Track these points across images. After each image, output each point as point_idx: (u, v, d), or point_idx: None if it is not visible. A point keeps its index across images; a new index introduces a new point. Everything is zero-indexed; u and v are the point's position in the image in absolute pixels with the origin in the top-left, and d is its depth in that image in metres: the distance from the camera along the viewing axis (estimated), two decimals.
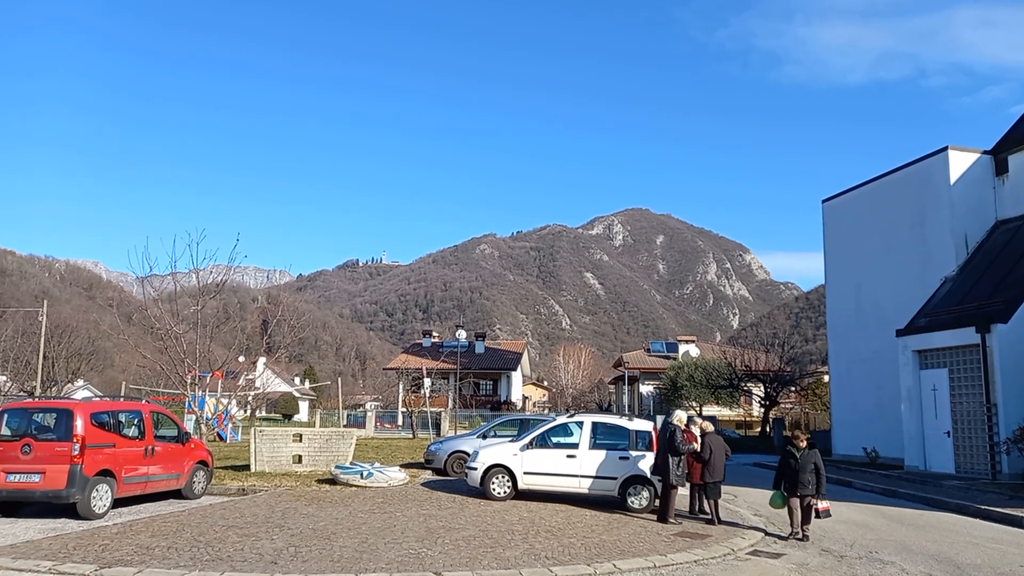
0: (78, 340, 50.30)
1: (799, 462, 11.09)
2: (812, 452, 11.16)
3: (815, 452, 11.18)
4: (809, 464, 11.03)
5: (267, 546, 9.54)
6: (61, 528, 10.81)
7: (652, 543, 10.57)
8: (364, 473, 16.07)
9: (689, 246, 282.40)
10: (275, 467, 17.89)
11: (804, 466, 11.02)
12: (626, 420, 14.68)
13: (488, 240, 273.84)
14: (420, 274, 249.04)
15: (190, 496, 14.17)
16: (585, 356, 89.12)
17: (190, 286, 28.67)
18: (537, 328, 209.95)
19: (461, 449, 18.83)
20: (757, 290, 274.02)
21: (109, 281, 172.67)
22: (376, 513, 12.46)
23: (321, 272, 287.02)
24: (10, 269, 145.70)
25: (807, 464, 11.04)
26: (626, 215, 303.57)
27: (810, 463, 11.04)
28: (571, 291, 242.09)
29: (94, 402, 13.79)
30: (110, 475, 12.03)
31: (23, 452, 11.50)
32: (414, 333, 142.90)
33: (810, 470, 11.00)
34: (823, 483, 11.10)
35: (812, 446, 11.33)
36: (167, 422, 14.24)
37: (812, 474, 11.00)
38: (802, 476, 11.00)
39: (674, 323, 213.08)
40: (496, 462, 14.40)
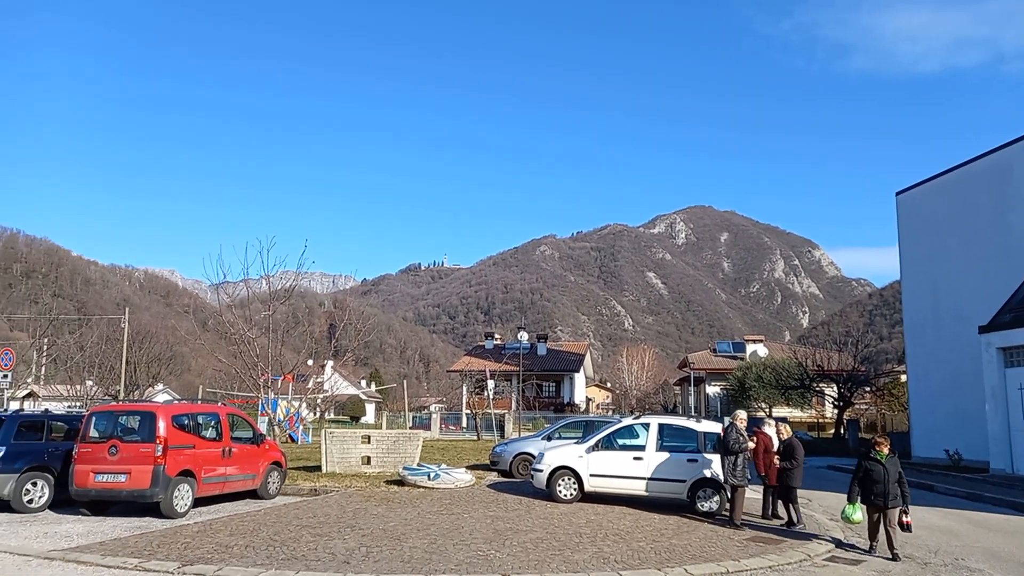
0: (157, 346, 52.43)
1: (887, 470, 10.13)
2: (895, 459, 10.33)
3: (897, 459, 10.40)
4: (895, 472, 10.13)
5: (339, 546, 9.75)
6: (146, 526, 11.28)
7: (724, 548, 10.36)
8: (431, 474, 16.25)
9: (755, 243, 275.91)
10: (345, 468, 18.25)
11: (891, 475, 10.08)
12: (694, 422, 14.43)
13: (548, 241, 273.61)
14: (481, 276, 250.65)
15: (265, 496, 14.60)
16: (649, 357, 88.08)
17: (261, 292, 29.63)
18: (599, 329, 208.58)
19: (526, 451, 18.84)
20: (828, 287, 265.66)
21: (185, 288, 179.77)
22: (444, 514, 12.58)
23: (385, 276, 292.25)
24: (94, 279, 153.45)
25: (893, 473, 10.11)
26: (688, 213, 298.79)
27: (895, 471, 10.15)
28: (633, 291, 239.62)
29: (174, 405, 14.35)
30: (191, 475, 12.49)
31: (110, 453, 12.05)
32: (476, 335, 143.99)
33: (895, 479, 10.08)
34: (907, 493, 10.24)
35: (893, 452, 10.49)
36: (243, 424, 14.71)
37: (896, 484, 10.07)
38: (890, 486, 10.03)
39: (740, 322, 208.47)
40: (562, 464, 14.35)
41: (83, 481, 12.04)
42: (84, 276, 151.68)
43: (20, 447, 12.68)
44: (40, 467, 12.78)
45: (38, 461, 12.79)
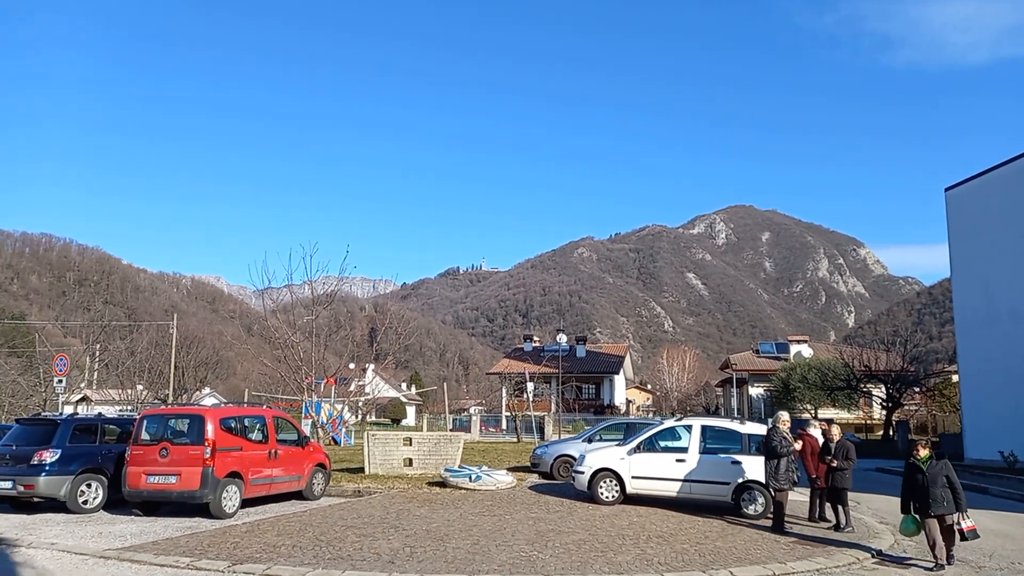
0: (204, 350, 53.61)
1: (927, 476, 9.51)
2: (942, 463, 9.56)
3: (945, 463, 9.59)
4: (940, 477, 9.43)
5: (384, 546, 9.85)
6: (196, 526, 11.55)
7: (770, 550, 10.20)
8: (473, 476, 16.32)
9: (797, 242, 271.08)
10: (387, 470, 18.44)
11: (934, 480, 9.43)
12: (738, 423, 14.25)
13: (586, 243, 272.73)
14: (519, 279, 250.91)
15: (310, 497, 14.82)
16: (690, 358, 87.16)
17: (304, 297, 30.14)
18: (639, 331, 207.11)
19: (567, 453, 18.80)
20: (874, 286, 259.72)
21: (230, 295, 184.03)
22: (486, 516, 12.63)
23: (424, 280, 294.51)
24: (143, 286, 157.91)
25: (937, 477, 9.44)
26: (729, 212, 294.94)
27: (941, 475, 9.45)
28: (673, 292, 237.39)
29: (222, 408, 14.66)
30: (238, 477, 12.75)
31: (161, 455, 12.38)
32: (515, 338, 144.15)
33: (942, 484, 9.40)
34: (962, 498, 9.45)
35: (940, 456, 9.73)
36: (287, 427, 14.97)
37: (945, 488, 9.39)
38: (933, 491, 9.39)
39: (784, 323, 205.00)
40: (603, 466, 14.29)
41: (135, 482, 12.38)
42: (134, 283, 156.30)
43: (75, 450, 13.09)
44: (94, 469, 13.18)
45: (92, 463, 13.19)
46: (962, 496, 9.45)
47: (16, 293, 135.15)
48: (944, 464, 9.56)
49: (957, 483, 9.48)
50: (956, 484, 9.45)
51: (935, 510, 9.36)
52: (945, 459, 9.66)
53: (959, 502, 9.39)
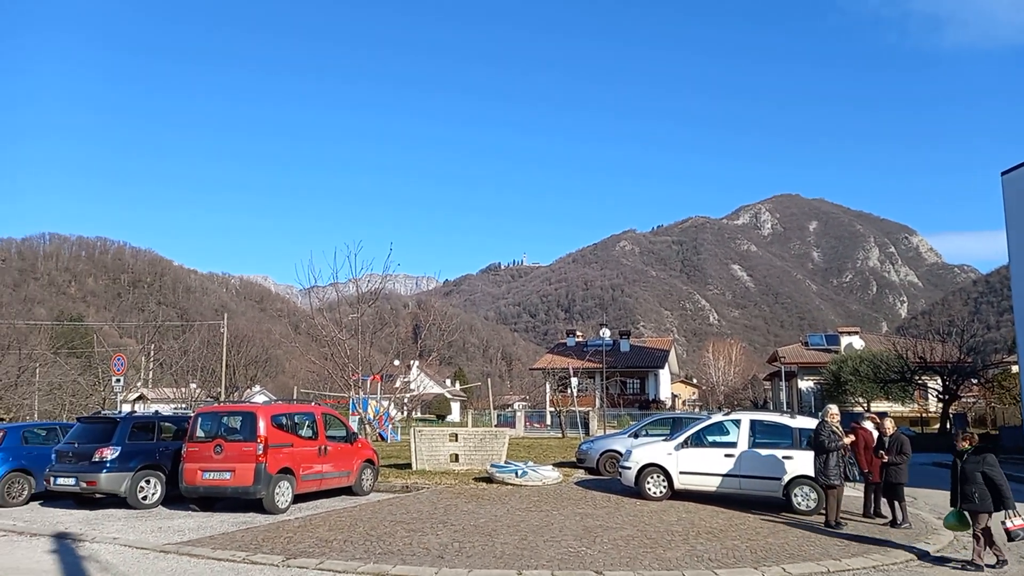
0: (253, 349, 54.85)
1: (962, 469, 9.05)
2: (981, 458, 8.99)
3: (985, 458, 8.98)
4: (976, 473, 8.89)
5: (433, 541, 9.95)
6: (250, 521, 11.82)
7: (824, 547, 10.00)
8: (519, 472, 16.36)
9: (846, 231, 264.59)
10: (434, 465, 18.60)
11: (968, 475, 8.94)
12: (788, 417, 13.99)
13: (628, 236, 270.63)
14: (561, 274, 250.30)
15: (359, 493, 15.04)
16: (736, 352, 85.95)
17: (349, 295, 30.56)
18: (683, 324, 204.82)
19: (613, 448, 18.71)
20: (927, 275, 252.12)
21: (277, 294, 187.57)
22: (533, 511, 12.65)
23: (466, 276, 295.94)
24: (194, 287, 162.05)
25: (972, 473, 8.92)
26: (774, 202, 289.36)
27: (977, 471, 8.90)
28: (718, 284, 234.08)
29: (273, 405, 14.98)
30: (290, 473, 13.01)
31: (215, 452, 12.69)
32: (557, 333, 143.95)
33: (977, 480, 8.86)
34: (1005, 495, 8.78)
35: (983, 449, 9.16)
36: (336, 423, 15.20)
37: (980, 485, 8.84)
38: (964, 487, 8.96)
39: (833, 314, 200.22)
40: (651, 461, 14.18)
41: (192, 479, 12.72)
42: (185, 284, 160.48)
43: (134, 447, 13.52)
44: (152, 466, 13.59)
45: (150, 460, 13.60)
46: (1006, 493, 8.81)
47: (74, 296, 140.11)
48: (984, 459, 8.99)
49: (999, 479, 8.85)
50: (997, 480, 8.84)
51: (965, 506, 8.98)
52: (988, 454, 9.08)
53: (1003, 500, 8.80)
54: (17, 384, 36.74)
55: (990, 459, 8.99)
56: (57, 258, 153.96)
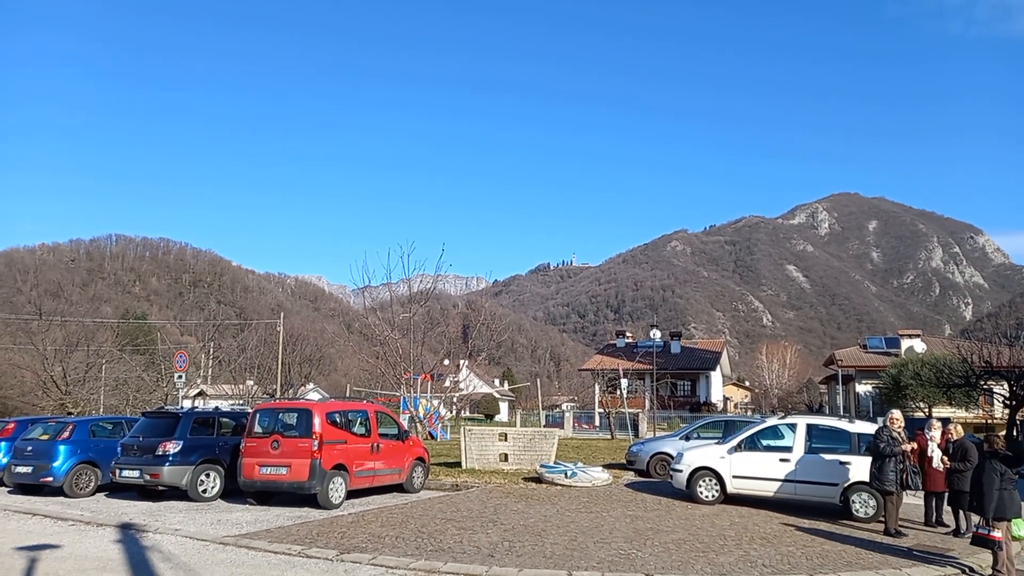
0: (308, 347, 55.98)
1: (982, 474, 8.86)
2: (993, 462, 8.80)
3: (987, 464, 8.84)
4: (991, 478, 8.67)
5: (483, 539, 10.01)
6: (305, 516, 12.08)
7: (882, 555, 9.71)
8: (568, 472, 16.32)
9: (908, 231, 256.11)
10: (483, 464, 18.69)
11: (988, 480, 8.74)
12: (846, 422, 13.65)
13: (679, 236, 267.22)
14: (610, 274, 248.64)
15: (410, 490, 15.21)
16: (791, 354, 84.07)
17: (400, 295, 30.96)
18: (735, 326, 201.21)
19: (664, 451, 18.51)
20: (994, 276, 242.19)
21: (331, 294, 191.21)
22: (583, 512, 12.61)
23: (515, 277, 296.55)
24: (252, 286, 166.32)
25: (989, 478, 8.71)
26: (832, 201, 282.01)
27: (994, 476, 8.67)
28: (772, 285, 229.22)
29: (328, 402, 15.27)
30: (343, 469, 13.25)
31: (272, 448, 13.00)
32: (606, 334, 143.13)
33: (996, 485, 8.63)
34: (985, 506, 8.61)
35: (994, 455, 8.93)
36: (388, 421, 15.42)
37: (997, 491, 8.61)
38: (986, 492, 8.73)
39: (893, 316, 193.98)
40: (703, 464, 13.99)
41: (250, 473, 13.07)
42: (243, 284, 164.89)
43: (195, 441, 13.96)
44: (212, 460, 14.01)
45: (210, 454, 14.03)
46: (986, 503, 8.60)
47: (138, 295, 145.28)
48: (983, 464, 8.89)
49: (985, 487, 8.67)
50: (983, 488, 8.68)
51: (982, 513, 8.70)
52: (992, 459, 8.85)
53: (982, 507, 8.66)
54: (85, 379, 38.25)
55: (988, 466, 8.81)
56: (123, 258, 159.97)
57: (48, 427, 15.95)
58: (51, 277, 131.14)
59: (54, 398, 35.99)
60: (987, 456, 9.00)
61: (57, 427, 15.75)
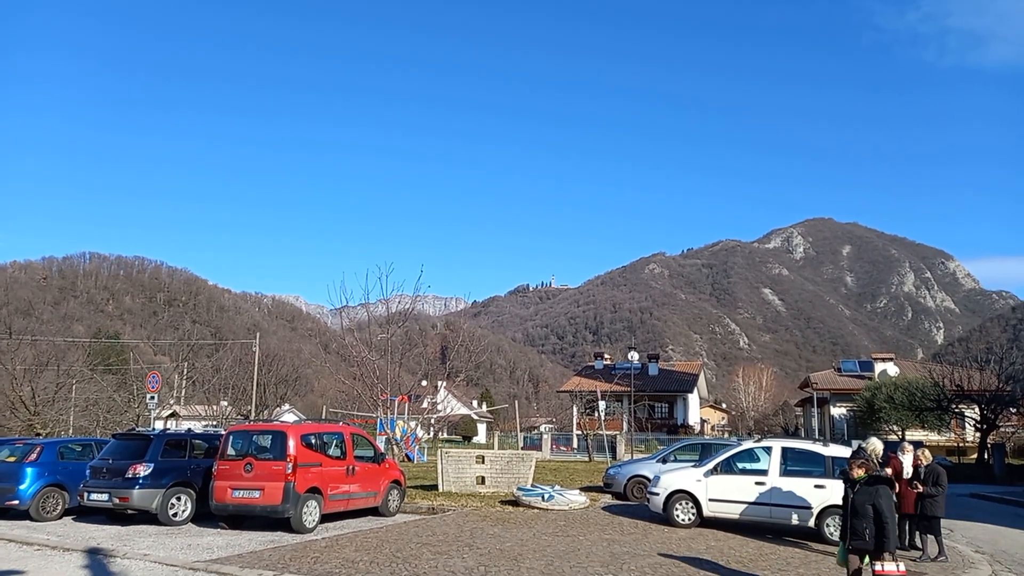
0: (284, 367, 55.42)
1: (853, 501, 8.21)
2: (875, 488, 8.06)
3: (878, 489, 8.05)
4: (867, 506, 7.98)
5: (459, 564, 9.93)
6: (278, 540, 11.90)
7: None
8: (545, 496, 16.26)
9: (880, 255, 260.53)
10: (460, 487, 18.56)
11: (858, 507, 8.06)
12: (820, 445, 13.76)
13: (657, 259, 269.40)
14: (589, 296, 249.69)
15: (386, 513, 15.06)
16: (767, 377, 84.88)
17: (378, 315, 30.83)
18: (712, 348, 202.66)
19: (641, 473, 18.53)
20: (965, 301, 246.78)
21: (308, 313, 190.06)
22: (559, 536, 12.56)
23: (494, 298, 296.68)
24: (228, 306, 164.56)
25: (863, 505, 8.01)
26: (807, 226, 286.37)
27: (868, 503, 7.97)
28: (748, 308, 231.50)
29: (303, 424, 15.09)
30: (318, 492, 13.08)
31: (245, 470, 12.82)
32: (585, 355, 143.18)
33: (868, 514, 7.94)
34: (888, 537, 7.81)
35: (877, 479, 8.24)
36: (364, 443, 15.29)
37: (871, 521, 7.91)
38: (853, 521, 8.08)
39: (867, 340, 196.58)
40: (679, 488, 14.01)
41: (222, 496, 12.86)
42: (219, 303, 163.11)
43: (166, 464, 13.72)
44: (184, 483, 13.76)
45: (182, 477, 13.78)
46: (888, 532, 7.85)
47: (111, 313, 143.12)
48: (877, 491, 8.04)
49: (886, 516, 7.88)
50: (884, 517, 7.88)
51: (854, 543, 8.09)
52: (882, 485, 8.17)
53: (884, 539, 7.83)
54: (54, 400, 37.47)
55: (883, 491, 8.07)
56: (96, 276, 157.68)
57: (15, 448, 15.61)
58: (22, 295, 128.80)
59: (22, 419, 35.17)
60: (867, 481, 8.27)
61: (24, 449, 15.41)
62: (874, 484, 8.11)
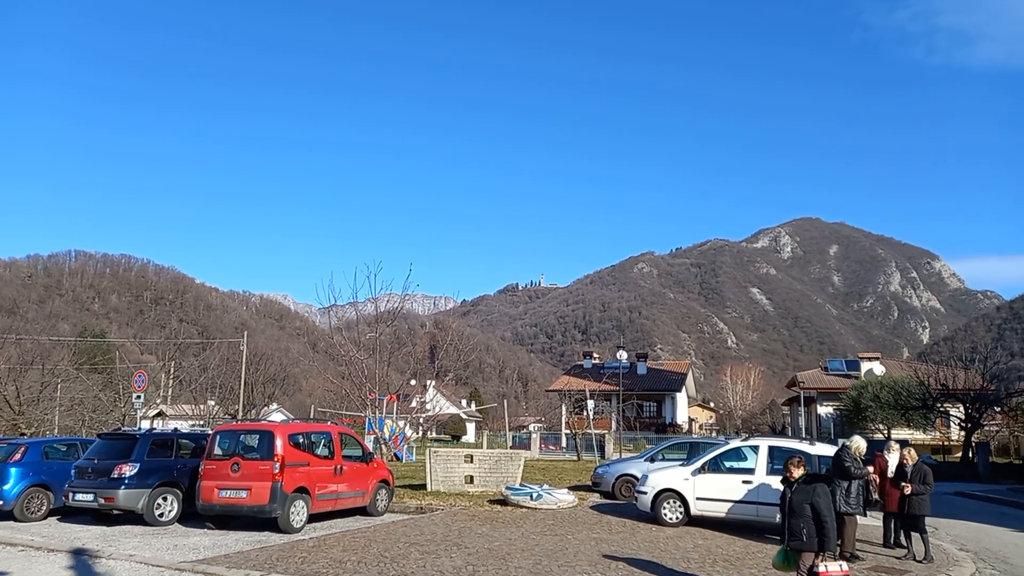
0: (272, 367, 55.12)
1: (790, 500, 7.96)
2: (812, 487, 7.84)
3: (816, 488, 7.82)
4: (804, 504, 7.74)
5: (447, 564, 9.92)
6: (265, 540, 11.85)
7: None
8: (534, 495, 16.27)
9: (867, 255, 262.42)
10: (448, 487, 18.55)
11: (796, 507, 7.82)
12: (807, 444, 13.85)
13: (646, 258, 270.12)
14: (578, 295, 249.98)
15: (374, 513, 15.02)
16: (754, 376, 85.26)
17: (367, 314, 30.74)
18: (701, 347, 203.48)
19: (629, 472, 18.58)
20: (950, 300, 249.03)
21: (296, 312, 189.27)
22: (548, 535, 12.58)
23: (483, 297, 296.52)
24: (215, 304, 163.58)
25: (800, 505, 7.78)
26: (794, 225, 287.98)
27: (806, 503, 7.74)
28: (736, 308, 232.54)
29: (291, 424, 15.01)
30: (305, 492, 13.03)
31: (232, 470, 12.75)
32: (574, 354, 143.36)
33: (806, 513, 7.71)
34: (828, 536, 7.63)
35: (815, 478, 8.11)
36: (352, 443, 15.24)
37: (810, 520, 7.68)
38: (793, 521, 7.83)
39: (854, 339, 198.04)
40: (667, 486, 14.06)
41: (209, 496, 12.79)
42: (206, 302, 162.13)
43: (152, 464, 13.62)
44: (170, 483, 13.67)
45: (168, 477, 13.69)
46: (828, 531, 7.64)
47: (97, 312, 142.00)
48: (815, 490, 7.80)
49: (825, 515, 7.65)
50: (823, 516, 7.65)
51: (792, 543, 7.82)
52: (819, 484, 7.95)
53: (822, 539, 7.62)
54: (39, 399, 37.11)
55: (820, 489, 7.83)
56: (82, 275, 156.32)
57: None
58: (7, 293, 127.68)
59: (6, 418, 34.82)
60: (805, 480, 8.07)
61: (8, 449, 15.28)
62: (812, 483, 7.91)
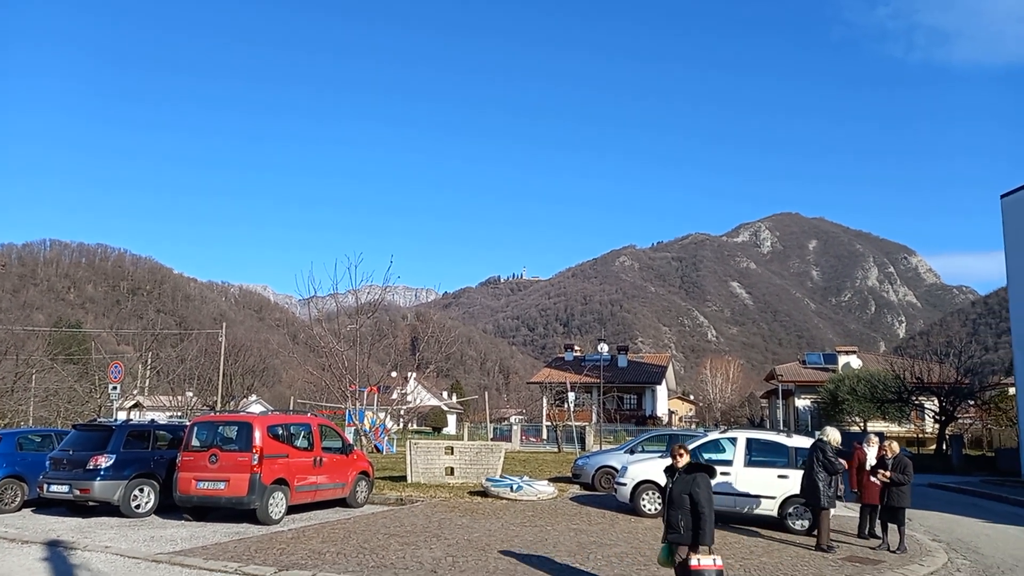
0: (251, 358, 54.65)
1: (671, 491, 7.45)
2: (694, 478, 7.31)
3: (696, 478, 7.31)
4: (684, 496, 7.24)
5: (426, 555, 9.92)
6: (243, 532, 11.78)
7: (818, 567, 9.98)
8: (514, 486, 16.33)
9: (846, 250, 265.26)
10: (429, 478, 18.56)
11: (676, 498, 7.32)
12: (784, 436, 14.00)
13: (628, 252, 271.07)
14: (560, 288, 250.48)
15: (354, 505, 14.99)
16: (734, 369, 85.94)
17: (348, 306, 30.58)
18: (681, 340, 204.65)
19: (609, 464, 18.70)
20: (926, 295, 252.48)
21: (276, 304, 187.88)
22: (527, 526, 12.62)
23: (465, 289, 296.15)
24: (193, 295, 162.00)
25: (680, 496, 7.28)
26: (774, 220, 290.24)
27: (685, 493, 7.24)
28: (716, 301, 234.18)
29: (270, 415, 14.92)
30: (284, 484, 12.97)
31: (210, 462, 12.65)
32: (555, 347, 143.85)
33: (685, 505, 7.22)
34: (704, 529, 7.08)
35: (701, 467, 7.55)
36: (332, 434, 15.18)
37: (687, 512, 7.18)
38: (671, 513, 7.33)
39: (831, 333, 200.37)
40: (646, 478, 14.18)
41: (186, 488, 12.68)
42: (184, 292, 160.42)
43: (128, 455, 13.47)
44: (147, 474, 13.53)
45: (145, 469, 13.55)
46: (704, 524, 7.09)
47: (73, 302, 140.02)
48: (695, 479, 7.30)
49: (703, 507, 7.12)
50: (700, 507, 7.12)
51: (670, 536, 7.34)
52: (700, 474, 7.41)
53: (698, 532, 7.10)
54: (13, 390, 36.58)
55: (701, 480, 7.31)
56: (57, 264, 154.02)
57: None
58: None
59: None
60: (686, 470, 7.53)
61: None
62: (693, 472, 7.42)
